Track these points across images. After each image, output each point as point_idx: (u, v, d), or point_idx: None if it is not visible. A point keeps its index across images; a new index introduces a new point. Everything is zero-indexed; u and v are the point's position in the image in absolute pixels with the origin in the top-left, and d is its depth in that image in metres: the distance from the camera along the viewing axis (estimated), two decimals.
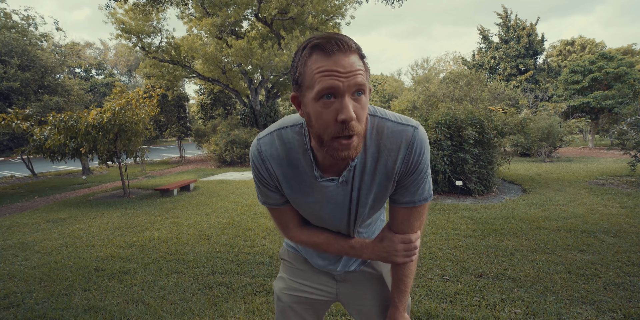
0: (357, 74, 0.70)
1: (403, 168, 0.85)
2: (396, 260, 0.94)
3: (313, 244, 1.00)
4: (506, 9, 22.95)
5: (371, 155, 0.84)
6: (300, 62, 0.74)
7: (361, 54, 0.75)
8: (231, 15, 12.96)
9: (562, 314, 2.19)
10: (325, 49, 0.70)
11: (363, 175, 0.86)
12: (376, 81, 38.13)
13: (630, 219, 4.05)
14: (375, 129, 0.84)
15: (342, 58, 0.70)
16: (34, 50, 12.43)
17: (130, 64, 35.37)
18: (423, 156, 0.85)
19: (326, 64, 0.70)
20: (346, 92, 0.70)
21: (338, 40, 0.70)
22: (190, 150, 22.55)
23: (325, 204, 0.91)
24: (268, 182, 0.91)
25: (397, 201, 0.92)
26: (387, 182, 0.87)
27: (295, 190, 0.90)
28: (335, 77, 0.69)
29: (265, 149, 0.87)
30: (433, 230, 4.00)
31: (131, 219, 5.23)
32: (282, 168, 0.88)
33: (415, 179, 0.87)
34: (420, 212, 0.93)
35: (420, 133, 0.84)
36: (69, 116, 6.60)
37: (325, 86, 0.69)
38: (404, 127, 0.83)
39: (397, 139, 0.83)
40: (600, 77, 14.46)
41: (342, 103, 0.70)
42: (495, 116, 6.18)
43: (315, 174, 0.85)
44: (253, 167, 0.91)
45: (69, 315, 2.45)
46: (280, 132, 0.87)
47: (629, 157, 6.70)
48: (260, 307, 2.44)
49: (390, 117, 0.85)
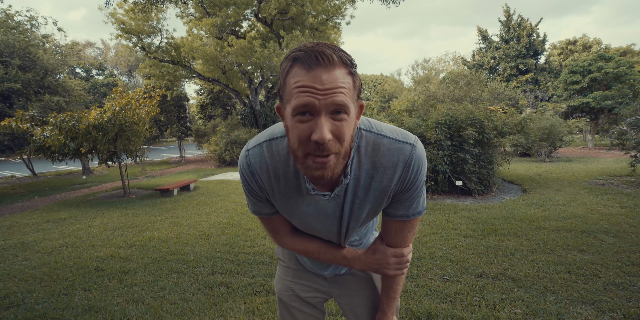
0: (336, 92, 0.65)
1: (399, 186, 0.83)
2: (388, 272, 0.95)
3: (304, 251, 0.99)
4: (509, 8, 22.98)
5: (365, 171, 0.82)
6: (282, 73, 0.70)
7: (350, 68, 0.69)
8: (231, 15, 12.97)
9: (562, 313, 2.19)
10: (305, 63, 0.65)
11: (357, 191, 0.84)
12: (376, 81, 38.16)
13: (630, 219, 4.05)
14: (371, 145, 0.81)
15: (322, 73, 0.65)
16: (35, 50, 12.44)
17: (130, 64, 35.39)
18: (420, 174, 0.83)
19: (304, 78, 0.65)
20: (322, 110, 0.65)
21: (320, 53, 0.65)
22: (190, 150, 22.55)
23: (316, 216, 0.90)
24: (258, 193, 0.89)
25: (391, 214, 0.91)
26: (382, 199, 0.85)
27: (285, 203, 0.88)
28: (312, 93, 0.64)
29: (255, 161, 0.84)
30: (433, 230, 4.00)
31: (131, 219, 5.23)
32: (272, 181, 0.85)
33: (411, 195, 0.86)
34: (413, 225, 0.93)
35: (418, 151, 0.81)
36: (70, 116, 6.60)
37: (301, 103, 0.65)
38: (401, 145, 0.81)
39: (394, 157, 0.80)
40: (600, 78, 14.47)
41: (316, 123, 0.66)
42: (495, 116, 6.18)
43: (308, 187, 0.82)
44: (242, 179, 0.88)
45: (69, 315, 2.45)
46: (270, 144, 0.84)
47: (629, 157, 6.71)
48: (260, 307, 2.44)
49: (387, 134, 0.82)
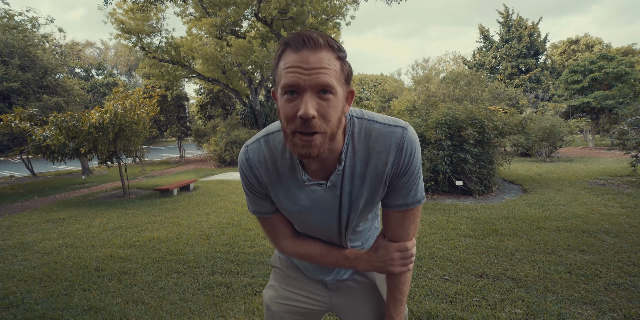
0: (321, 72, 0.68)
1: (394, 170, 0.83)
2: (393, 270, 0.91)
3: (305, 255, 0.97)
4: (507, 9, 22.97)
5: (360, 158, 0.82)
6: (275, 58, 0.74)
7: (338, 53, 0.72)
8: (231, 15, 12.96)
9: (563, 314, 2.19)
10: (293, 45, 0.69)
11: (353, 179, 0.84)
12: (376, 81, 38.15)
13: (631, 219, 4.05)
14: (364, 131, 0.82)
15: (309, 54, 0.68)
16: (35, 50, 12.43)
17: (130, 63, 35.39)
18: (414, 157, 0.83)
19: (292, 59, 0.69)
20: (308, 89, 0.68)
21: (307, 36, 0.69)
22: (190, 150, 22.53)
23: (315, 210, 0.89)
24: (257, 189, 0.90)
25: (390, 205, 0.89)
26: (378, 186, 0.85)
27: (283, 197, 0.89)
28: (298, 73, 0.68)
29: (253, 156, 0.87)
30: (433, 230, 3.99)
31: (131, 219, 5.23)
32: (270, 174, 0.87)
33: (407, 181, 0.85)
34: (414, 215, 0.91)
35: (409, 133, 0.82)
36: (70, 116, 6.60)
37: (287, 82, 0.69)
38: (392, 128, 0.81)
39: (386, 141, 0.81)
40: (600, 77, 14.46)
41: (301, 100, 0.69)
42: (495, 116, 6.18)
43: (303, 177, 0.83)
44: (242, 174, 0.90)
45: (69, 316, 2.44)
46: (267, 138, 0.87)
47: (630, 157, 6.70)
48: (260, 307, 2.44)
49: (378, 119, 0.83)
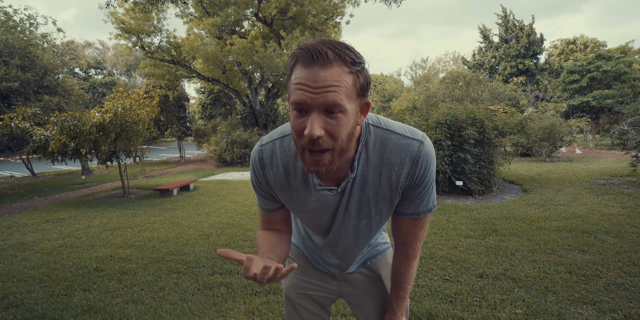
0: (329, 91, 0.65)
1: (408, 182, 0.83)
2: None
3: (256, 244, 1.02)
4: (505, 9, 22.98)
5: (373, 168, 0.82)
6: (288, 70, 0.73)
7: (351, 67, 0.67)
8: (231, 14, 12.96)
9: (563, 314, 2.18)
10: (302, 61, 0.67)
11: (364, 188, 0.85)
12: (376, 81, 38.15)
13: (631, 219, 4.05)
14: (379, 141, 0.81)
15: (318, 71, 0.65)
16: (35, 50, 12.42)
17: (129, 63, 35.37)
18: (429, 170, 0.83)
19: (301, 76, 0.67)
20: (314, 108, 0.67)
21: (316, 51, 0.65)
22: (190, 150, 22.53)
23: (323, 212, 0.91)
24: (264, 188, 0.92)
25: (402, 213, 0.91)
26: (392, 196, 0.86)
27: (293, 198, 0.90)
28: (305, 91, 0.66)
29: (267, 156, 0.88)
30: (433, 230, 3.99)
31: (131, 219, 5.22)
32: (281, 176, 0.88)
33: (420, 192, 0.86)
34: (424, 222, 0.93)
35: (426, 147, 0.81)
36: (71, 116, 6.59)
37: (295, 100, 0.67)
38: (409, 141, 0.80)
39: (402, 154, 0.80)
40: (599, 76, 14.45)
41: (308, 118, 0.68)
42: (495, 116, 6.17)
43: (315, 182, 0.85)
44: (252, 172, 0.92)
45: (69, 316, 2.44)
46: (282, 141, 0.87)
47: (630, 157, 6.70)
48: (260, 307, 2.43)
49: (395, 129, 0.82)
